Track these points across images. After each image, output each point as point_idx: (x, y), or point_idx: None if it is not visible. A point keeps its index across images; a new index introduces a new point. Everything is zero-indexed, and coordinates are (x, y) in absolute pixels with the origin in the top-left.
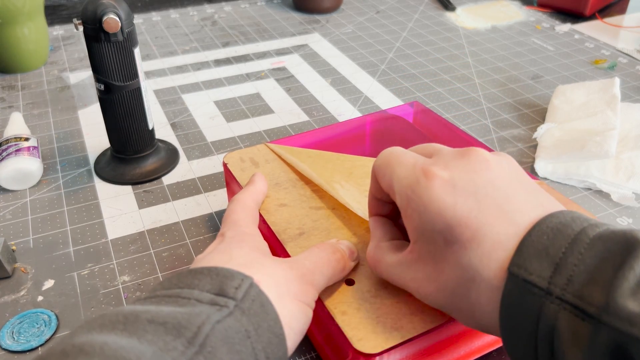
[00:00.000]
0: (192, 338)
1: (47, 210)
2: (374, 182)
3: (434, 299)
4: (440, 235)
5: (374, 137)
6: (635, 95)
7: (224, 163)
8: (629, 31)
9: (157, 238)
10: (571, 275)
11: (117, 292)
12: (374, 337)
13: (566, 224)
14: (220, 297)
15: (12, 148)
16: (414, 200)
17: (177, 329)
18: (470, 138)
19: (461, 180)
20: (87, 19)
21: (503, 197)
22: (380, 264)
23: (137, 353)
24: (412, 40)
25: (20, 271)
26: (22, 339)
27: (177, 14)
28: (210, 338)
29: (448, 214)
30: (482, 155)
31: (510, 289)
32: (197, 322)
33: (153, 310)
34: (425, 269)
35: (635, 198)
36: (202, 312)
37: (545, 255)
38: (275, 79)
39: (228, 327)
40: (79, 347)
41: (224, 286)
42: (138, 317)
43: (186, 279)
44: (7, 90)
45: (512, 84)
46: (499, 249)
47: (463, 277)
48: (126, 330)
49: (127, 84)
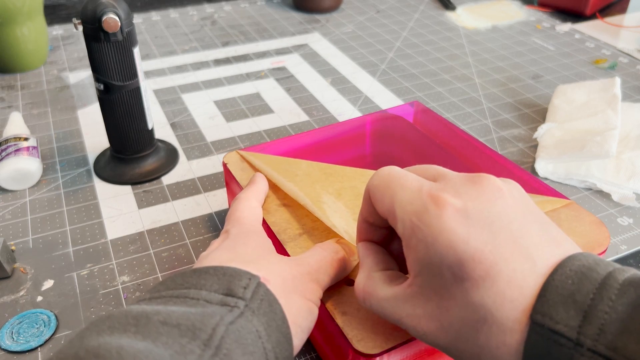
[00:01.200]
0: (207, 340)
1: (46, 211)
2: (367, 205)
3: (434, 339)
4: (449, 270)
5: (374, 137)
6: (635, 95)
7: (224, 163)
8: (629, 31)
9: (157, 238)
10: (602, 324)
11: (116, 292)
12: (374, 337)
13: (590, 268)
14: (230, 297)
15: (12, 148)
16: (421, 229)
17: (192, 330)
18: (470, 138)
19: (475, 210)
20: (87, 19)
21: (518, 229)
22: (372, 297)
23: (156, 357)
24: (412, 40)
25: (19, 271)
26: (22, 339)
27: (176, 14)
28: (225, 340)
29: (460, 247)
30: (494, 183)
31: (534, 339)
32: (212, 324)
33: (163, 311)
34: (426, 306)
35: (636, 198)
36: (215, 313)
37: (572, 302)
38: (275, 79)
39: (241, 328)
40: (93, 351)
41: (231, 286)
42: (149, 319)
43: (192, 279)
44: (7, 90)
45: (513, 84)
46: (514, 287)
47: (472, 318)
48: (139, 332)
49: (126, 83)
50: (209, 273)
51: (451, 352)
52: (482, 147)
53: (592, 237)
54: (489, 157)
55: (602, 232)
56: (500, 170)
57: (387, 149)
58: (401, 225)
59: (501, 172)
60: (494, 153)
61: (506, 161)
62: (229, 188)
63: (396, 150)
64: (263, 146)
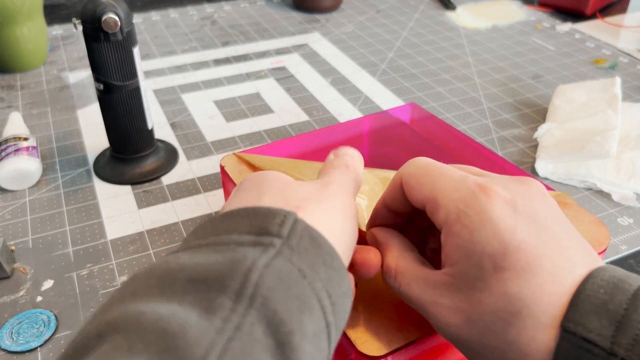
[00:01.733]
0: (239, 290)
1: (46, 211)
2: (394, 192)
3: (457, 332)
4: (490, 260)
5: (371, 138)
6: (636, 94)
7: (221, 166)
8: (629, 31)
9: (157, 238)
10: (637, 334)
11: None
12: (377, 339)
13: (621, 279)
14: (264, 236)
15: (12, 148)
16: (468, 215)
17: (220, 281)
18: (468, 139)
19: (522, 205)
20: (87, 19)
21: (560, 231)
22: (403, 276)
23: (180, 321)
24: (412, 40)
25: (19, 271)
26: (21, 340)
27: (176, 13)
28: (260, 287)
29: (507, 236)
30: (541, 187)
31: (565, 347)
32: (242, 270)
33: (189, 266)
34: (454, 297)
35: (636, 198)
36: (246, 256)
37: (604, 311)
38: (275, 79)
39: (279, 270)
40: (113, 324)
41: (265, 224)
42: (175, 278)
43: (222, 224)
44: (6, 90)
45: (513, 84)
46: (555, 282)
47: (506, 310)
48: (164, 294)
49: (126, 83)
50: (239, 215)
51: (473, 349)
52: (481, 148)
53: (592, 237)
54: (487, 158)
55: (602, 232)
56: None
57: (385, 151)
58: (444, 211)
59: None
60: (492, 154)
61: (505, 162)
62: (226, 191)
63: (393, 152)
64: (261, 149)
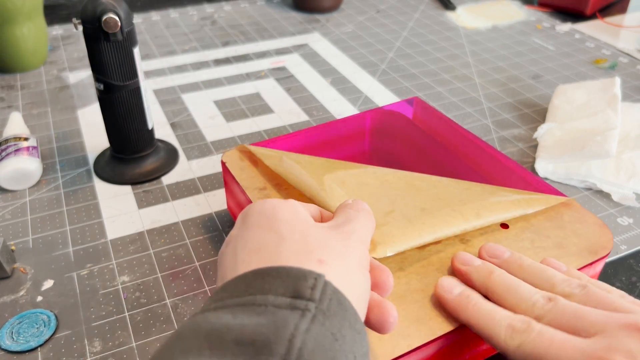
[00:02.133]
0: (285, 355)
1: (46, 210)
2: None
3: None
4: None
5: (373, 133)
6: (636, 95)
7: (223, 162)
8: (629, 31)
9: (157, 238)
10: None
11: (116, 292)
12: (381, 344)
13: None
14: (298, 300)
15: (12, 148)
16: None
17: (268, 346)
18: (470, 135)
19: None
20: (87, 19)
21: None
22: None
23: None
24: (412, 40)
25: (19, 271)
26: (22, 339)
27: (176, 14)
28: (303, 351)
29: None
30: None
31: None
32: (286, 335)
33: (235, 327)
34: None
35: (636, 198)
36: (287, 321)
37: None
38: (275, 79)
39: (317, 335)
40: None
41: (298, 287)
42: (222, 338)
43: (255, 283)
44: (6, 90)
45: (513, 84)
46: None
47: None
48: (214, 355)
49: (126, 83)
50: (271, 275)
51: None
52: (483, 145)
53: (595, 240)
54: (490, 155)
55: (605, 235)
56: (501, 168)
57: (387, 146)
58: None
59: (502, 170)
60: (494, 151)
61: (507, 159)
62: (227, 188)
63: (395, 147)
64: (264, 144)
